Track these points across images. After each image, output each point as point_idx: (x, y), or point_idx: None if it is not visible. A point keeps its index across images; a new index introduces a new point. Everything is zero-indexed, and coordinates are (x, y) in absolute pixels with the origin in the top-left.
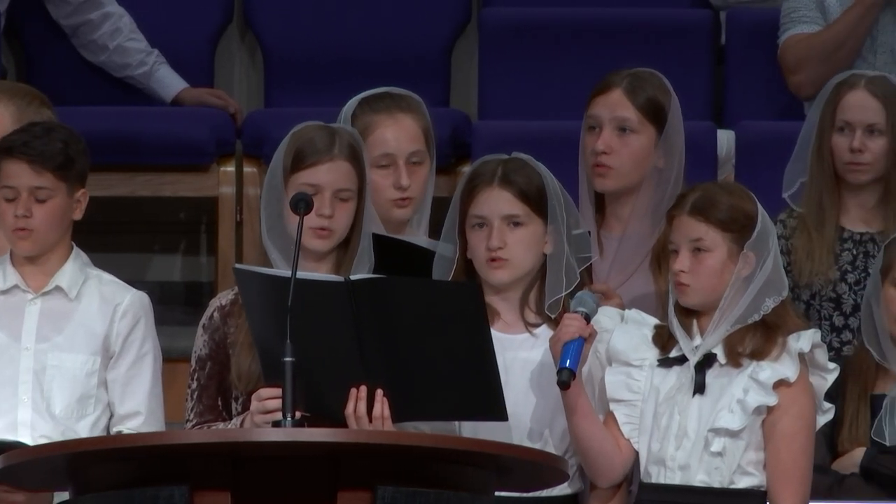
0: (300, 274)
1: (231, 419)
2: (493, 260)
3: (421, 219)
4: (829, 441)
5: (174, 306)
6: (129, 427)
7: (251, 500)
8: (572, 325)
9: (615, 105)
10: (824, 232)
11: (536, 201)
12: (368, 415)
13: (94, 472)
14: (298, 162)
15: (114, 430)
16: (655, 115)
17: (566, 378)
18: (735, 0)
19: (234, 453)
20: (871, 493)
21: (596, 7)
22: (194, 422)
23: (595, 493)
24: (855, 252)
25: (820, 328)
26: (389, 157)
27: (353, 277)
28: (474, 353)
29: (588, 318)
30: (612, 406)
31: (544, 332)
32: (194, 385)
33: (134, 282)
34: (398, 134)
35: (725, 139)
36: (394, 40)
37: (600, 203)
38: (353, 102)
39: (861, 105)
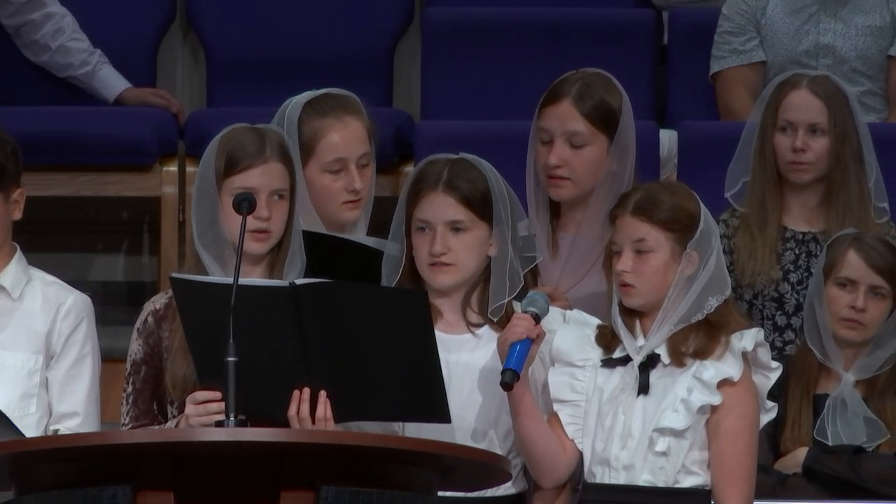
0: (241, 280)
1: (166, 423)
2: (434, 265)
3: (362, 219)
4: (772, 441)
5: (116, 306)
6: (66, 427)
7: (194, 499)
8: (520, 325)
9: (565, 118)
10: (766, 231)
11: (481, 206)
12: (311, 416)
13: (36, 472)
14: (232, 166)
15: (51, 428)
16: (606, 122)
17: (509, 379)
18: (677, 0)
19: (177, 453)
20: (813, 492)
21: (538, 7)
22: (130, 426)
23: (540, 494)
24: (797, 252)
25: (762, 328)
26: (341, 162)
27: (297, 282)
28: (419, 357)
29: (538, 319)
30: (556, 406)
31: (486, 332)
32: (129, 389)
33: (76, 282)
34: (348, 137)
35: (668, 139)
36: (336, 40)
37: (556, 205)
38: (295, 105)
39: (803, 105)
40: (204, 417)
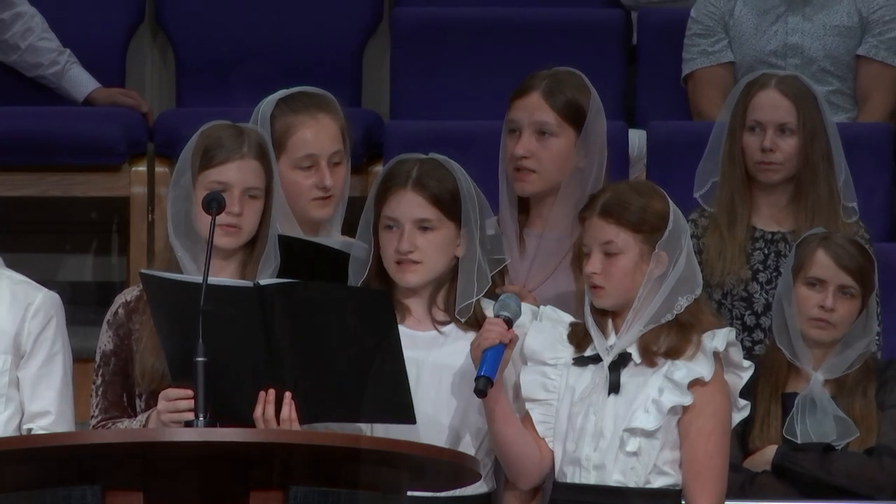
0: (209, 280)
1: (136, 415)
2: (400, 263)
3: (336, 218)
4: (741, 439)
5: (85, 306)
6: (39, 426)
7: (163, 500)
8: (493, 330)
9: (534, 109)
10: (736, 231)
11: (449, 205)
12: (276, 417)
13: (5, 472)
14: (207, 160)
15: (24, 428)
16: (574, 116)
17: (483, 386)
18: (646, 0)
19: (147, 454)
20: (782, 491)
21: (507, 7)
22: (99, 418)
23: (511, 494)
24: (766, 251)
25: (732, 327)
26: (312, 158)
27: (262, 282)
28: (383, 357)
29: (510, 323)
30: (528, 406)
31: (453, 330)
32: (99, 381)
33: (45, 282)
34: (320, 134)
35: (637, 139)
36: (305, 40)
37: (525, 203)
38: (269, 102)
39: (772, 104)
40: (175, 415)
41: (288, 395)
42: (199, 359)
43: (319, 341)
